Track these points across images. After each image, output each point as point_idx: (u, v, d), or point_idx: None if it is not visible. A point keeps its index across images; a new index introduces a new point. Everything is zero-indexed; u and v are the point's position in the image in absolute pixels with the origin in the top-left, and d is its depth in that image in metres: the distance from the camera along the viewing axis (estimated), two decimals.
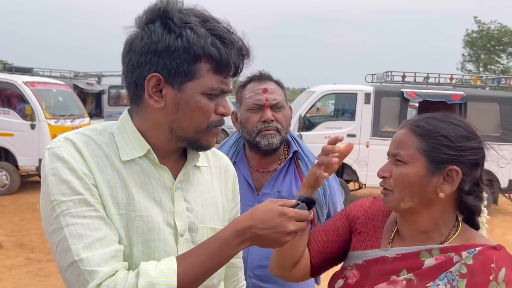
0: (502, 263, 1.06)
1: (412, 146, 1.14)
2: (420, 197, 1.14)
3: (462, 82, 9.51)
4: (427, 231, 1.18)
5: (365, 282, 1.18)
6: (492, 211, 8.51)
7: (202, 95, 1.05)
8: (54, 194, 1.00)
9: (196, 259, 1.03)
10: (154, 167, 1.11)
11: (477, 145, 1.15)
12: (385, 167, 1.19)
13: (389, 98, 8.08)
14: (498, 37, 29.55)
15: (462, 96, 8.07)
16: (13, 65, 10.41)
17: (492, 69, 29.50)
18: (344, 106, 9.26)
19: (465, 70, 29.86)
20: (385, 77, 8.89)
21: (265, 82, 1.77)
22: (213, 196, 1.23)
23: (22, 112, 8.30)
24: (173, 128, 1.08)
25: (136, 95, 1.09)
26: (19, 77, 8.93)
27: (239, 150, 1.88)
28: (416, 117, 1.22)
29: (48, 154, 1.05)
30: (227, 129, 17.72)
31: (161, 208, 1.09)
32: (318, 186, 1.34)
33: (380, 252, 1.21)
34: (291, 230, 1.07)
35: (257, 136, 1.74)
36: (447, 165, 1.12)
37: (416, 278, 1.11)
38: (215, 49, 1.02)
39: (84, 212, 1.00)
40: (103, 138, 1.10)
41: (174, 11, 1.04)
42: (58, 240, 0.99)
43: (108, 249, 0.99)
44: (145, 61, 1.03)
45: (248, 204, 1.77)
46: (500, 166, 8.05)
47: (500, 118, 8.10)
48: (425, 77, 8.80)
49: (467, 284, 1.06)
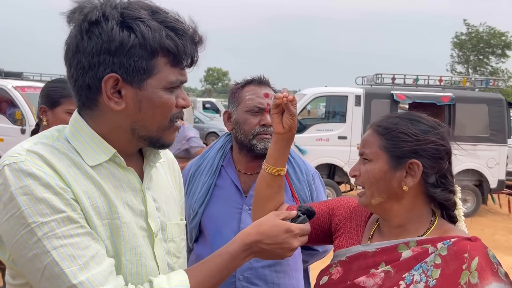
0: (475, 253, 1.09)
1: (375, 145, 1.21)
2: (387, 191, 1.19)
3: (451, 84, 9.62)
4: (402, 224, 1.22)
5: (347, 277, 1.23)
6: (482, 211, 8.60)
7: (164, 90, 1.01)
8: (31, 215, 0.90)
9: (207, 273, 1.05)
10: (121, 170, 1.06)
11: (436, 139, 1.19)
12: (355, 166, 1.26)
13: (379, 100, 8.14)
14: (487, 39, 29.90)
15: (451, 97, 8.16)
16: (3, 70, 10.31)
17: (482, 70, 29.82)
18: (335, 109, 9.31)
19: (454, 72, 30.15)
20: (375, 79, 8.96)
21: (265, 87, 1.80)
22: (171, 191, 1.23)
23: (12, 117, 8.25)
24: (135, 128, 1.03)
25: (89, 99, 1.01)
26: (9, 81, 8.87)
27: (226, 154, 1.89)
28: (380, 117, 1.28)
29: (9, 170, 0.92)
30: (219, 132, 17.77)
31: (133, 212, 1.05)
32: (292, 128, 1.36)
33: (361, 247, 1.25)
34: (295, 247, 1.13)
35: (253, 139, 1.75)
36: (407, 159, 1.17)
37: (393, 270, 1.16)
38: (171, 41, 0.98)
39: (70, 231, 0.92)
40: (63, 145, 1.01)
41: (119, 6, 0.98)
42: (43, 266, 0.89)
43: (104, 266, 0.94)
44: (98, 61, 0.96)
45: (236, 206, 1.79)
46: (489, 167, 8.14)
47: (488, 119, 8.20)
48: (414, 79, 8.91)
49: (441, 273, 1.09)
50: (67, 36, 1.01)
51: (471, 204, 8.26)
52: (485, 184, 8.23)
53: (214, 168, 1.85)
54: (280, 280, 1.76)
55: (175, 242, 1.18)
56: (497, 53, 30.22)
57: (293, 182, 1.82)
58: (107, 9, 0.97)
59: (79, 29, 0.98)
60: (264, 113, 1.75)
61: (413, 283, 1.11)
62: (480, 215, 8.41)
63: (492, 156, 8.13)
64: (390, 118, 1.24)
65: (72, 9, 1.00)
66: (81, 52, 0.97)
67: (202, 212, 1.81)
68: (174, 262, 1.16)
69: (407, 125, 1.20)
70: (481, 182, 8.29)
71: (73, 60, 0.99)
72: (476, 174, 8.28)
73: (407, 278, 1.13)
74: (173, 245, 1.16)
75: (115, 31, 0.95)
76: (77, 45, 0.98)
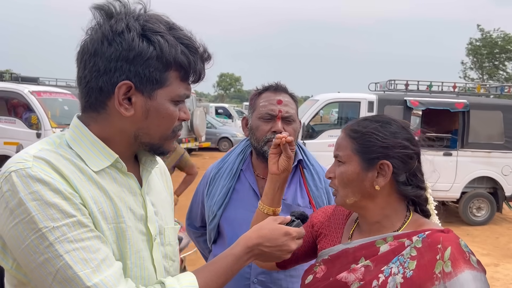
0: (448, 244, 1.15)
1: (348, 148, 1.27)
2: (360, 191, 1.25)
3: (465, 90, 9.54)
4: (378, 221, 1.28)
5: (330, 274, 1.28)
6: (497, 220, 8.48)
7: (170, 102, 1.06)
8: (42, 220, 0.91)
9: (214, 274, 1.09)
10: (122, 175, 1.08)
11: (404, 140, 1.25)
12: (331, 168, 1.33)
13: (392, 107, 8.10)
14: (502, 45, 29.55)
15: (465, 104, 8.09)
16: (20, 75, 10.49)
17: (496, 77, 29.47)
18: (347, 114, 9.29)
19: (467, 78, 29.84)
20: (388, 85, 8.92)
21: (280, 94, 1.80)
22: (165, 196, 1.26)
23: (28, 121, 8.39)
24: (139, 135, 1.06)
25: (98, 101, 1.04)
26: (25, 86, 9.03)
27: (246, 158, 1.91)
28: (352, 121, 1.34)
29: (17, 176, 0.93)
30: (231, 137, 17.82)
31: (134, 217, 1.07)
32: (286, 170, 1.45)
33: (342, 246, 1.32)
34: (293, 249, 1.20)
35: (265, 145, 1.76)
36: (378, 160, 1.23)
37: (372, 264, 1.21)
38: (184, 57, 1.03)
39: (81, 235, 0.93)
40: (66, 151, 1.02)
41: (141, 19, 1.02)
42: (55, 269, 0.91)
43: (115, 268, 0.97)
44: (115, 67, 1.00)
45: (253, 210, 1.80)
46: (504, 174, 8.04)
47: (503, 126, 8.11)
48: (428, 85, 8.83)
49: (417, 264, 1.15)
50: (85, 38, 1.04)
51: (486, 212, 8.17)
52: (499, 191, 8.12)
53: (234, 172, 1.88)
54: (294, 285, 1.77)
55: (172, 245, 1.21)
56: None
57: (311, 189, 1.83)
58: (131, 21, 1.01)
59: (102, 36, 1.01)
60: (276, 120, 1.77)
61: (391, 275, 1.17)
62: (495, 223, 8.30)
63: (507, 164, 8.03)
64: (361, 121, 1.30)
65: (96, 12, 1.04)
66: (99, 56, 1.01)
67: (221, 214, 1.84)
68: (170, 265, 1.19)
69: (377, 128, 1.25)
70: (496, 190, 8.18)
71: (89, 62, 1.02)
72: (490, 181, 8.18)
73: (385, 271, 1.18)
74: (170, 249, 1.20)
75: (136, 41, 1.00)
76: (96, 49, 1.01)
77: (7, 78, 10.62)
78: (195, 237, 2.12)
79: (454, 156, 8.03)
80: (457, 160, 8.00)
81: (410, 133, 1.27)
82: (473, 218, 8.17)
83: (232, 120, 22.54)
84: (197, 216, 2.04)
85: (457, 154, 8.04)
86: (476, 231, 7.71)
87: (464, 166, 8.01)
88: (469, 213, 8.16)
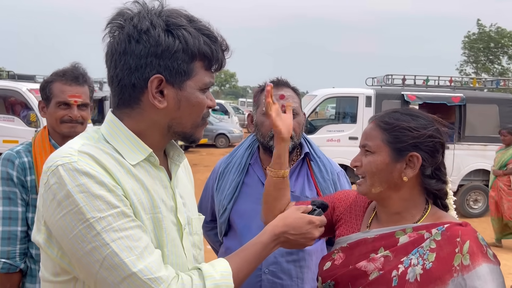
0: (466, 237, 1.19)
1: (378, 138, 1.30)
2: (388, 181, 1.29)
3: (461, 84, 9.61)
4: (399, 212, 1.32)
5: (349, 262, 1.32)
6: None
7: (199, 91, 1.12)
8: (89, 211, 0.97)
9: (245, 260, 1.17)
10: (154, 169, 1.13)
11: (434, 134, 1.28)
12: (357, 157, 1.35)
13: (390, 101, 8.17)
14: (498, 39, 29.64)
15: (461, 98, 8.17)
16: (16, 73, 10.44)
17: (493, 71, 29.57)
18: (345, 109, 9.35)
19: (463, 73, 29.94)
20: (385, 80, 8.98)
21: (282, 89, 1.84)
22: (190, 188, 1.33)
23: (26, 119, 8.39)
24: (172, 125, 1.12)
25: (132, 97, 1.09)
26: (23, 84, 9.01)
27: (254, 152, 1.96)
28: (382, 112, 1.37)
29: (64, 170, 0.98)
30: (228, 133, 17.80)
31: (166, 208, 1.13)
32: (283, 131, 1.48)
33: (361, 234, 1.36)
34: (316, 237, 1.28)
35: (270, 140, 1.80)
36: (408, 152, 1.27)
37: (392, 254, 1.25)
38: (207, 47, 1.09)
39: (124, 224, 0.99)
40: (105, 146, 1.08)
41: (164, 15, 1.08)
42: (102, 257, 0.96)
43: (155, 255, 1.02)
44: (145, 63, 1.05)
45: None
46: None
47: (499, 119, 8.20)
48: (425, 79, 8.91)
49: (436, 256, 1.19)
50: (110, 40, 1.09)
51: (482, 204, 8.27)
52: None
53: (242, 166, 1.92)
54: (304, 275, 1.83)
55: (198, 235, 1.27)
56: (509, 54, 29.94)
57: (318, 181, 1.88)
58: (154, 18, 1.06)
59: (128, 35, 1.06)
60: None
61: (411, 266, 1.20)
62: None
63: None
64: (392, 113, 1.33)
65: (115, 17, 1.08)
66: (129, 54, 1.06)
67: (231, 208, 1.88)
68: (198, 253, 1.25)
69: (408, 120, 1.29)
70: None
71: (119, 62, 1.07)
72: (487, 174, 8.26)
73: (405, 261, 1.22)
74: (197, 238, 1.25)
75: (162, 37, 1.05)
76: (125, 48, 1.06)
77: (4, 76, 10.58)
78: (206, 231, 2.16)
79: (451, 150, 8.11)
80: (454, 154, 8.09)
81: (436, 126, 1.30)
82: (470, 210, 8.28)
83: (229, 117, 22.47)
84: (207, 211, 2.08)
85: (454, 148, 8.13)
86: (473, 223, 7.51)
87: (461, 159, 8.10)
88: (466, 206, 8.27)
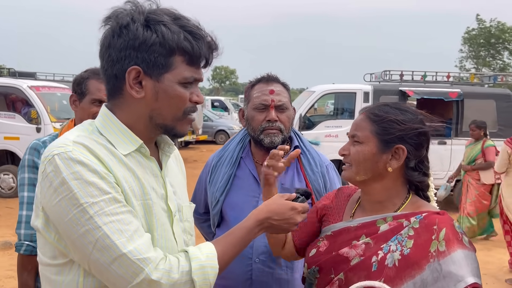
0: (443, 225, 1.25)
1: (367, 129, 1.36)
2: (373, 171, 1.35)
3: (459, 80, 9.65)
4: (381, 201, 1.38)
5: (332, 249, 1.39)
6: None
7: (178, 84, 1.15)
8: (83, 197, 1.03)
9: (230, 243, 1.23)
10: (145, 159, 1.20)
11: (420, 128, 1.34)
12: (345, 146, 1.41)
13: (387, 97, 8.21)
14: (498, 35, 29.54)
15: (459, 93, 8.21)
16: (17, 70, 10.49)
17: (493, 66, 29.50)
18: (343, 105, 9.40)
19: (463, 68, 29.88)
20: (383, 76, 9.03)
21: (272, 84, 1.92)
22: (181, 178, 1.38)
23: (27, 115, 8.43)
24: (153, 116, 1.17)
25: (116, 87, 1.16)
26: (24, 81, 9.05)
27: (245, 146, 2.02)
28: (372, 104, 1.43)
29: (59, 159, 1.05)
30: (228, 130, 17.88)
31: (156, 195, 1.19)
32: (271, 184, 1.56)
33: (345, 223, 1.43)
34: (298, 222, 1.34)
35: (261, 134, 1.88)
36: (394, 144, 1.33)
37: (373, 241, 1.32)
38: (188, 43, 1.13)
39: (116, 209, 1.06)
40: (98, 137, 1.14)
41: (146, 12, 1.14)
42: (95, 239, 1.03)
43: (145, 238, 1.09)
44: (125, 55, 1.12)
45: (253, 195, 1.92)
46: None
47: (496, 115, 8.25)
48: (422, 75, 8.95)
49: (414, 243, 1.25)
50: (102, 36, 1.18)
51: None
52: None
53: (234, 160, 1.99)
54: (293, 263, 1.89)
55: (189, 222, 1.33)
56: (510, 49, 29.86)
57: (308, 173, 1.94)
58: (135, 14, 1.14)
59: (112, 30, 1.15)
60: (269, 109, 1.87)
61: (390, 252, 1.27)
62: None
63: None
64: (382, 106, 1.39)
65: (108, 15, 1.17)
66: (112, 48, 1.14)
67: (223, 200, 1.95)
68: (188, 239, 1.31)
69: (397, 113, 1.34)
70: None
71: (105, 54, 1.16)
72: None
73: (384, 248, 1.29)
74: (187, 224, 1.32)
75: (139, 31, 1.12)
76: (109, 42, 1.15)
77: (5, 74, 10.62)
78: (199, 223, 2.22)
79: (448, 145, 8.16)
80: (452, 149, 8.14)
81: (422, 121, 1.36)
82: None
83: (229, 113, 22.53)
84: (200, 203, 2.14)
85: (452, 143, 8.18)
86: None
87: (458, 154, 8.13)
88: None
